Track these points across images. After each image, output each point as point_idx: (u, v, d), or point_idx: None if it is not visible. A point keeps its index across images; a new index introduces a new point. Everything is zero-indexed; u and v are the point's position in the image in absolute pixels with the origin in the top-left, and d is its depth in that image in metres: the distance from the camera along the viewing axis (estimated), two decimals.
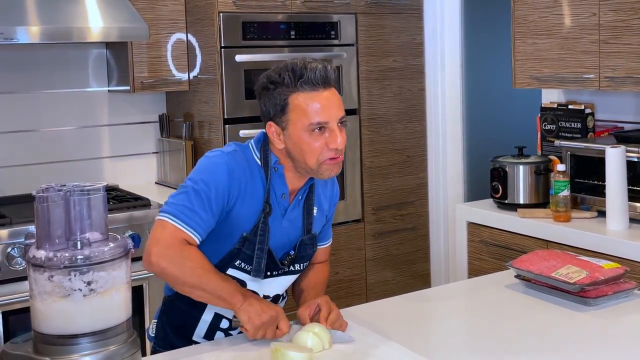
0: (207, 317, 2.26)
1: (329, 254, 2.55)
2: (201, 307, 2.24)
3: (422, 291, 2.84)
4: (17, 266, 3.42)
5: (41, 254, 1.70)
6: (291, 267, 2.31)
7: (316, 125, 2.13)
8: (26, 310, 1.81)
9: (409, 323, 2.30)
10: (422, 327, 2.33)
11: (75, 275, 1.67)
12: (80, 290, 1.67)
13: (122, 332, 1.74)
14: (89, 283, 1.68)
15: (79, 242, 1.73)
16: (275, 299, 2.35)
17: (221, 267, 2.19)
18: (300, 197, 2.30)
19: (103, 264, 1.70)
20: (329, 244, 2.52)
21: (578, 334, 2.19)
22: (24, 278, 3.35)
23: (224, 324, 2.28)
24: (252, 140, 2.30)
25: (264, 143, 2.27)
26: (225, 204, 2.17)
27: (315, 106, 2.13)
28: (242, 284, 2.23)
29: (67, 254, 1.72)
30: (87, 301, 1.68)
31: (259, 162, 2.24)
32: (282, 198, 2.25)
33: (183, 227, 2.10)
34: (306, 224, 2.31)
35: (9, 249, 3.41)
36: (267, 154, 2.24)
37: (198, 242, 2.13)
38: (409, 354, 2.01)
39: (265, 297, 2.29)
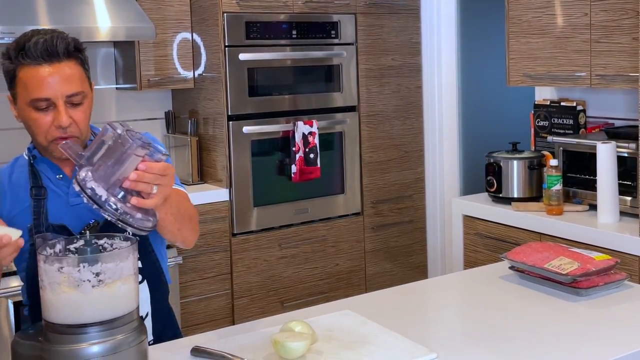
0: None
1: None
2: None
3: (419, 282, 2.82)
4: None
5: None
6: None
7: (37, 102, 1.98)
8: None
9: (406, 313, 2.29)
10: (419, 317, 2.31)
11: (84, 267, 1.66)
12: (89, 281, 1.66)
13: (129, 322, 1.74)
14: (97, 274, 1.67)
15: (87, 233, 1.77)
16: None
17: (33, 270, 1.99)
18: None
19: (111, 256, 1.70)
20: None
21: (570, 323, 2.18)
22: None
23: None
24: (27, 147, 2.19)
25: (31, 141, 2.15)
26: None
27: (37, 81, 1.97)
28: None
29: (76, 246, 1.76)
30: (96, 292, 1.67)
31: (26, 158, 2.16)
32: (58, 178, 2.13)
33: None
34: None
35: None
36: (29, 146, 2.15)
37: None
38: (407, 342, 2.01)
39: None
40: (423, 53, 4.91)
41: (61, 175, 2.14)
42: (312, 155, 4.36)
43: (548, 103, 4.11)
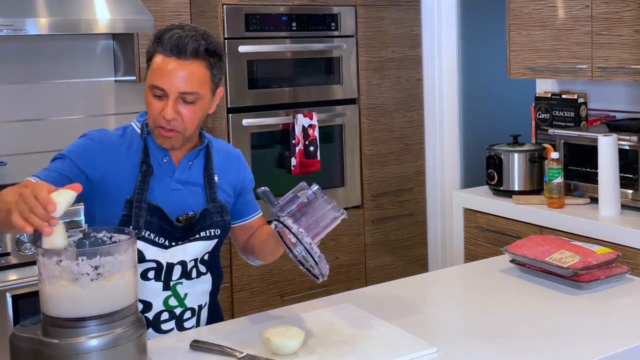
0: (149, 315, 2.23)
1: (264, 221, 2.50)
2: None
3: (420, 275, 2.84)
4: (27, 251, 3.46)
5: None
6: (199, 234, 2.25)
7: (154, 89, 2.12)
8: (35, 294, 1.80)
9: (407, 306, 2.29)
10: (420, 310, 2.31)
11: (82, 260, 1.67)
12: (88, 274, 1.67)
13: (128, 315, 1.75)
14: (96, 267, 1.67)
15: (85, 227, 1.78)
16: (186, 273, 2.26)
17: None
18: (190, 162, 2.27)
19: (109, 249, 1.71)
20: (259, 214, 2.48)
21: (571, 317, 2.19)
22: (33, 263, 3.39)
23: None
24: (135, 118, 2.31)
25: (146, 117, 2.26)
26: (90, 163, 2.16)
27: (160, 70, 2.10)
28: (139, 253, 2.15)
29: (74, 239, 1.76)
30: (94, 285, 1.68)
31: (138, 131, 2.26)
32: (164, 160, 2.24)
33: (31, 178, 2.05)
34: (209, 192, 2.28)
35: (18, 235, 3.43)
36: (145, 122, 2.25)
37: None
38: (407, 336, 2.02)
39: (169, 265, 2.22)
40: (423, 45, 4.91)
41: (167, 158, 2.25)
42: (312, 148, 4.36)
43: (549, 95, 4.10)
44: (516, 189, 3.87)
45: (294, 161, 4.33)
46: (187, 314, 2.28)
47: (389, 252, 4.84)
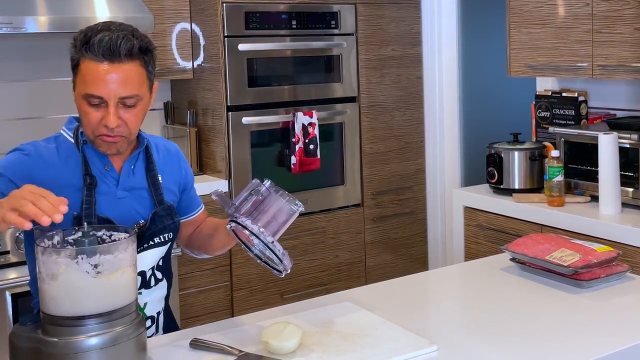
0: None
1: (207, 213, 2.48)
2: None
3: (420, 274, 2.82)
4: None
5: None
6: (152, 240, 2.18)
7: (90, 97, 1.99)
8: None
9: (407, 305, 2.28)
10: (420, 309, 2.30)
11: (82, 259, 1.65)
12: (88, 273, 1.66)
13: (128, 314, 1.74)
14: (95, 266, 1.66)
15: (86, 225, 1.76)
16: (145, 282, 2.20)
17: None
18: (132, 166, 2.18)
19: (109, 248, 1.70)
20: (202, 208, 2.44)
21: (571, 315, 2.19)
22: None
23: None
24: (63, 126, 2.18)
25: (77, 124, 2.15)
26: (28, 180, 1.95)
27: (94, 78, 1.97)
28: None
29: (74, 237, 1.76)
30: (94, 283, 1.67)
31: (72, 140, 2.14)
32: (106, 169, 2.14)
33: None
34: (155, 194, 2.21)
35: (18, 233, 3.45)
36: (78, 128, 2.13)
37: None
38: (407, 334, 2.02)
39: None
40: (423, 43, 4.90)
41: (109, 166, 2.16)
42: (311, 146, 4.35)
43: (549, 94, 4.10)
44: (516, 187, 3.86)
45: (293, 159, 4.33)
46: (148, 323, 2.22)
47: (389, 250, 4.84)
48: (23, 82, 4.17)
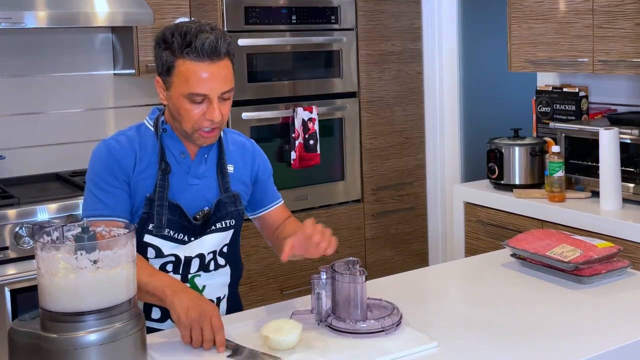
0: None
1: (288, 211, 2.56)
2: None
3: (420, 270, 2.83)
4: (25, 245, 3.46)
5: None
6: (214, 226, 2.29)
7: (195, 96, 2.13)
8: (34, 289, 1.80)
9: (407, 301, 2.26)
10: (420, 305, 2.30)
11: (81, 254, 1.65)
12: (87, 268, 1.66)
13: (127, 310, 1.74)
14: (95, 261, 1.66)
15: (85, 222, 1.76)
16: (204, 266, 2.31)
17: (137, 236, 2.14)
18: (205, 155, 2.30)
19: (108, 243, 1.70)
20: (280, 203, 2.53)
21: (572, 311, 2.19)
22: (32, 257, 3.40)
23: (155, 314, 2.28)
24: (147, 117, 2.33)
25: (158, 114, 2.31)
26: (125, 176, 2.22)
27: (198, 77, 2.11)
28: (158, 250, 2.23)
29: (73, 233, 1.75)
30: (94, 279, 1.67)
31: (152, 129, 2.28)
32: (181, 157, 2.27)
33: (96, 218, 2.14)
34: (222, 183, 2.31)
35: (17, 229, 3.44)
36: (159, 118, 2.28)
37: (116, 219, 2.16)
38: (407, 330, 2.03)
39: (188, 258, 2.27)
40: (424, 38, 4.89)
41: (184, 154, 2.28)
42: (311, 142, 4.35)
43: (550, 89, 4.10)
44: (517, 182, 3.86)
45: (293, 155, 4.32)
46: None
47: (389, 246, 4.84)
48: (22, 78, 4.16)
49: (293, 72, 4.45)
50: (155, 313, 2.28)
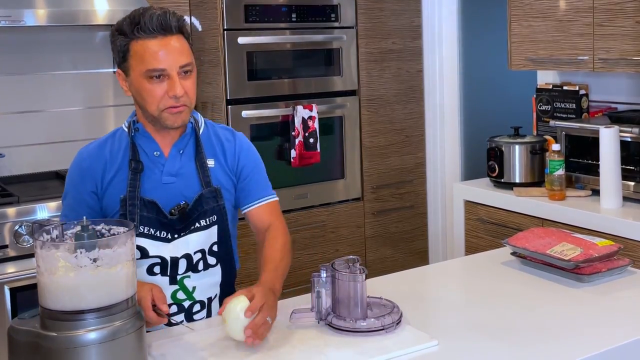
0: None
1: (279, 213, 2.46)
2: None
3: (420, 268, 2.84)
4: (25, 243, 3.45)
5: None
6: (198, 223, 2.26)
7: (153, 72, 2.12)
8: (33, 287, 1.80)
9: (407, 299, 2.26)
10: (420, 303, 2.30)
11: (81, 253, 1.65)
12: (86, 266, 1.66)
13: (127, 308, 1.74)
14: (94, 260, 1.66)
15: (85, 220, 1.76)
16: (192, 266, 2.28)
17: None
18: (180, 151, 2.28)
19: (108, 242, 1.70)
20: (270, 199, 2.43)
21: (572, 310, 2.19)
22: (32, 255, 3.39)
23: None
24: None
25: (134, 117, 2.30)
26: (92, 185, 2.25)
27: (152, 53, 2.11)
28: (142, 250, 2.21)
29: (73, 232, 1.75)
30: (93, 278, 1.67)
31: (126, 130, 2.29)
32: (155, 155, 2.26)
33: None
34: (202, 177, 2.27)
35: (16, 227, 3.44)
36: (132, 120, 2.28)
37: None
38: (407, 329, 2.03)
39: (174, 259, 2.24)
40: (424, 36, 4.89)
41: (158, 153, 2.27)
42: (311, 140, 4.34)
43: (550, 87, 4.10)
44: (517, 181, 3.86)
45: (293, 153, 4.32)
46: (197, 307, 2.29)
47: (389, 244, 4.84)
48: (22, 76, 4.15)
49: (293, 70, 4.45)
50: None
